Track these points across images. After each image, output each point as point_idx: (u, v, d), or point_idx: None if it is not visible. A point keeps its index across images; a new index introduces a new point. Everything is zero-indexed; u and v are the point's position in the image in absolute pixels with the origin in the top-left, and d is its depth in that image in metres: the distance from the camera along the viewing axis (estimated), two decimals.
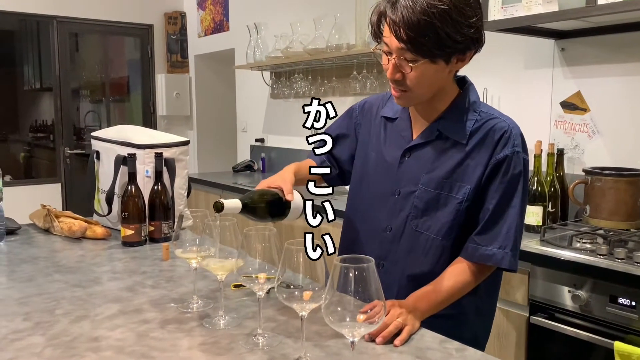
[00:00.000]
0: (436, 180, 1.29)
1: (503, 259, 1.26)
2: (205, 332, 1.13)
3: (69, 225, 1.87)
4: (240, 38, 4.44)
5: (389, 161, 1.37)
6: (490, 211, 1.26)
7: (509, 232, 1.26)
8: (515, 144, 1.26)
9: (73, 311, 1.24)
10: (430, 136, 1.31)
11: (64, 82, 4.96)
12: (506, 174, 1.25)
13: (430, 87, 1.25)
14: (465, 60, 1.23)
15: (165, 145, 1.91)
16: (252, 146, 4.58)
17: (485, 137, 1.27)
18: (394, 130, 1.39)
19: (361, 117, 1.49)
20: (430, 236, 1.30)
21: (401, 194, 1.33)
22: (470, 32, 1.16)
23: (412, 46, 1.15)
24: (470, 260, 1.28)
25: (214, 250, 1.18)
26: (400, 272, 1.34)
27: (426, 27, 1.13)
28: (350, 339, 0.88)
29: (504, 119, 1.30)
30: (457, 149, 1.28)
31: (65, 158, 5.00)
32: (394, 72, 1.22)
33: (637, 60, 2.18)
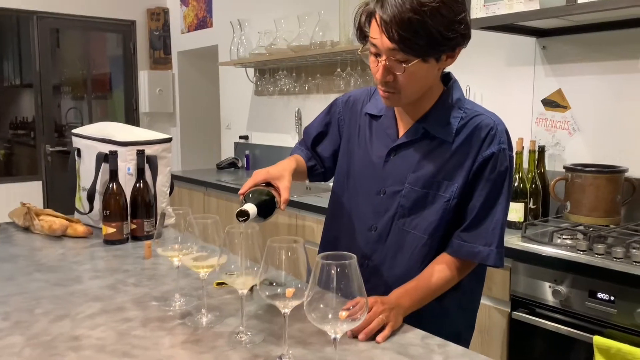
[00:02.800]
0: (423, 179, 1.28)
1: (489, 257, 1.26)
2: (188, 331, 1.13)
3: (49, 224, 1.85)
4: (224, 35, 4.41)
5: (374, 159, 1.35)
6: (477, 208, 1.26)
7: (495, 230, 1.26)
8: (501, 141, 1.26)
9: (53, 310, 1.22)
10: (416, 135, 1.30)
11: (45, 78, 4.89)
12: (493, 172, 1.25)
13: (421, 87, 1.24)
14: (454, 56, 1.21)
15: (147, 143, 1.89)
16: (236, 143, 4.56)
17: (471, 134, 1.26)
18: (379, 128, 1.38)
19: (345, 112, 1.47)
20: (417, 235, 1.30)
21: (387, 194, 1.33)
22: (461, 28, 1.15)
23: (404, 46, 1.13)
24: (455, 257, 1.28)
25: (197, 248, 1.18)
26: (387, 272, 1.33)
27: (418, 26, 1.11)
28: (333, 335, 0.88)
29: (489, 115, 1.29)
30: (444, 148, 1.27)
31: (46, 155, 4.93)
32: (385, 74, 1.19)
33: (615, 59, 2.21)
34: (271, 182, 1.24)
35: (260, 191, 1.20)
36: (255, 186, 1.22)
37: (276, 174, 1.26)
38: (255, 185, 1.22)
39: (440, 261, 1.29)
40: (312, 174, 1.51)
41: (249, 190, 1.20)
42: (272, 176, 1.25)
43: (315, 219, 2.74)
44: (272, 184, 1.24)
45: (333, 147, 1.49)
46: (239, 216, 1.10)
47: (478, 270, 1.34)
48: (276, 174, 1.26)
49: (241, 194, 1.20)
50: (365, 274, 1.30)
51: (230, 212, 3.49)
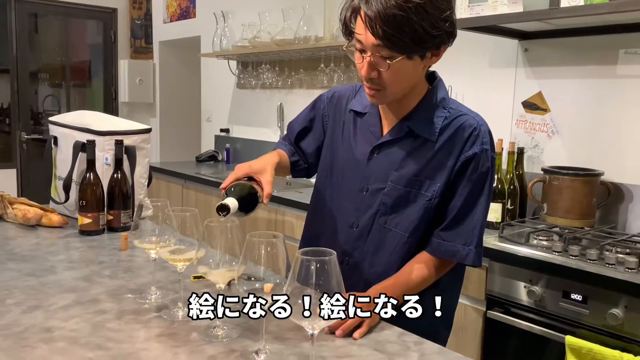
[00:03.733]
0: (406, 178, 1.28)
1: (467, 256, 1.27)
2: (163, 324, 1.12)
3: (23, 212, 1.81)
4: (207, 26, 4.37)
5: (357, 157, 1.35)
6: (458, 208, 1.27)
7: (474, 230, 1.27)
8: (484, 142, 1.26)
9: (25, 301, 1.20)
10: (400, 133, 1.30)
11: (22, 64, 4.80)
12: (474, 172, 1.26)
13: (406, 85, 1.24)
14: (439, 55, 1.21)
15: (126, 133, 1.86)
16: (216, 136, 4.53)
17: (454, 134, 1.27)
18: (364, 125, 1.37)
19: (329, 108, 1.46)
20: (398, 233, 1.30)
21: (369, 191, 1.33)
22: (446, 26, 1.15)
23: (389, 42, 1.13)
24: (433, 255, 1.29)
25: (174, 241, 1.16)
26: (367, 269, 1.33)
27: (403, 22, 1.10)
28: (310, 331, 0.87)
29: (472, 115, 1.30)
30: (427, 147, 1.27)
31: (22, 143, 4.84)
32: (370, 71, 1.19)
33: (595, 64, 2.25)
34: (253, 177, 1.23)
35: (242, 185, 1.18)
36: (237, 180, 1.21)
37: (259, 168, 1.25)
38: (237, 179, 1.21)
39: (419, 259, 1.29)
40: (295, 170, 1.50)
41: (231, 184, 1.19)
42: (255, 170, 1.24)
43: (295, 215, 2.74)
44: (254, 178, 1.23)
45: (317, 143, 1.48)
46: (220, 210, 1.08)
47: (457, 269, 1.35)
48: (259, 168, 1.25)
49: (222, 188, 1.19)
50: (346, 271, 1.27)
51: (209, 206, 3.46)
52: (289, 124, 1.55)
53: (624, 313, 1.62)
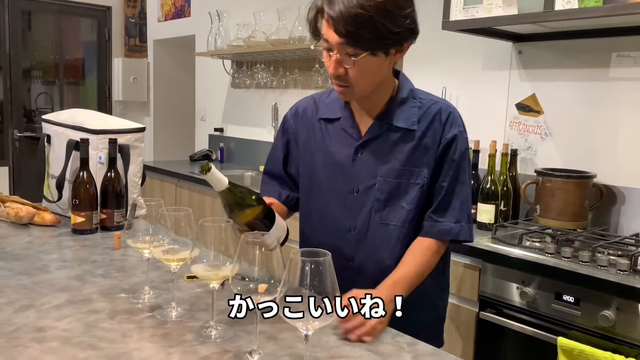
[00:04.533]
0: (396, 170, 1.33)
1: (460, 232, 1.34)
2: (156, 324, 1.11)
3: (15, 211, 1.80)
4: (202, 25, 4.36)
5: (340, 161, 1.37)
6: (445, 189, 1.33)
7: (463, 206, 1.34)
8: (459, 124, 1.35)
9: (17, 300, 1.19)
10: (381, 129, 1.34)
11: (15, 61, 4.77)
12: (455, 152, 1.33)
13: (373, 80, 1.28)
14: (403, 51, 1.27)
15: (119, 131, 1.86)
16: (210, 135, 4.52)
17: (432, 120, 1.33)
18: (338, 130, 1.39)
19: (296, 124, 1.47)
20: (397, 226, 1.34)
21: (360, 191, 1.35)
22: (406, 23, 1.20)
23: (352, 40, 1.18)
24: (429, 237, 1.34)
25: (168, 240, 1.16)
26: (371, 268, 1.35)
27: (364, 21, 1.15)
28: (304, 332, 0.87)
29: (443, 102, 1.38)
30: (409, 137, 1.33)
31: (14, 141, 4.81)
32: (337, 68, 1.23)
33: (588, 67, 2.26)
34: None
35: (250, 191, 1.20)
36: None
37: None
38: None
39: (418, 245, 1.34)
40: (290, 205, 1.49)
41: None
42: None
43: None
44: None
45: (298, 164, 1.47)
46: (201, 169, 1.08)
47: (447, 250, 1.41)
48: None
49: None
50: (351, 275, 1.33)
51: (203, 205, 3.46)
52: (267, 160, 1.53)
53: (615, 315, 1.63)
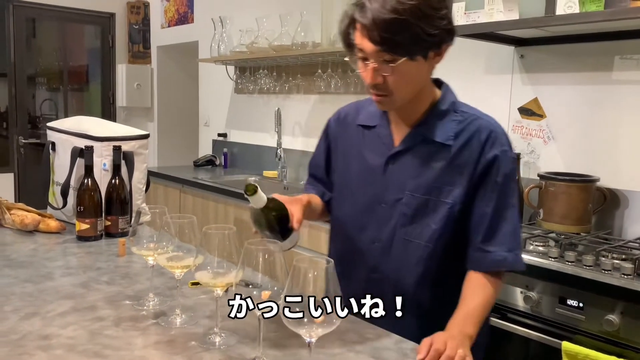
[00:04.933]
0: (424, 186, 1.26)
1: (515, 261, 1.24)
2: (161, 331, 1.12)
3: (21, 218, 1.81)
4: (205, 31, 4.37)
5: (371, 170, 1.32)
6: (490, 214, 1.23)
7: (515, 233, 1.25)
8: (502, 143, 1.25)
9: (23, 308, 1.20)
10: (414, 141, 1.28)
11: (19, 68, 4.79)
12: (498, 174, 1.23)
13: (412, 87, 1.23)
14: (441, 54, 1.21)
15: (124, 139, 1.87)
16: (214, 141, 4.53)
17: (471, 137, 1.25)
18: (374, 138, 1.35)
19: (338, 129, 1.45)
20: (420, 244, 1.26)
21: (388, 203, 1.29)
22: (443, 24, 1.15)
23: (388, 46, 1.13)
24: (481, 270, 1.24)
25: (172, 247, 1.17)
26: (396, 283, 1.29)
27: (399, 25, 1.11)
28: (308, 339, 0.88)
29: (487, 118, 1.29)
30: (443, 152, 1.25)
31: (19, 147, 4.83)
32: (374, 77, 1.18)
33: (590, 70, 2.26)
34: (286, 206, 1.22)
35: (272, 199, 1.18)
36: None
37: (288, 198, 1.24)
38: None
39: (472, 280, 1.24)
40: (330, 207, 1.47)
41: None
42: (285, 200, 1.22)
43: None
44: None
45: None
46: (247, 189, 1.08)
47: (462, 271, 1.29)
48: (288, 198, 1.24)
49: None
50: (376, 285, 1.29)
51: (207, 210, 3.46)
52: (310, 164, 1.52)
53: (620, 319, 1.63)
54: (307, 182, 1.53)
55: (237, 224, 3.18)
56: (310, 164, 1.53)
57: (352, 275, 1.34)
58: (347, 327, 1.16)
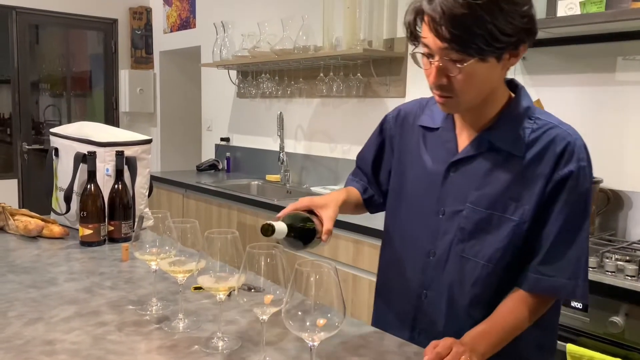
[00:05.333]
0: (488, 199, 1.12)
1: (575, 291, 1.09)
2: (164, 335, 1.12)
3: (24, 224, 1.82)
4: (207, 36, 4.39)
5: (431, 177, 1.21)
6: (555, 235, 1.09)
7: (580, 260, 1.09)
8: (580, 158, 1.10)
9: (27, 313, 1.20)
10: (480, 148, 1.15)
11: (23, 74, 4.82)
12: (572, 193, 1.09)
13: (481, 91, 1.09)
14: (518, 55, 1.07)
15: (126, 144, 1.87)
16: (217, 145, 4.54)
17: (545, 149, 1.10)
18: (436, 141, 1.23)
19: (395, 128, 1.33)
20: (479, 263, 1.13)
21: (446, 214, 1.17)
22: (523, 22, 1.01)
23: (458, 44, 1.00)
24: (532, 292, 1.11)
25: (175, 252, 1.17)
26: (447, 304, 1.18)
27: (472, 21, 0.97)
28: (310, 343, 0.88)
29: (565, 128, 1.12)
30: (512, 163, 1.11)
31: (23, 153, 4.85)
32: (439, 77, 1.06)
33: (593, 71, 2.26)
34: (314, 211, 1.15)
35: (298, 215, 1.12)
36: (295, 211, 1.15)
37: (321, 202, 1.16)
38: (295, 210, 1.15)
39: (515, 298, 1.12)
40: (371, 205, 1.40)
41: (287, 214, 1.13)
42: (316, 204, 1.16)
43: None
44: (315, 213, 1.15)
45: (389, 168, 1.35)
46: (264, 231, 1.02)
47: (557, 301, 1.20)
48: (321, 202, 1.16)
49: (278, 216, 1.12)
50: (424, 307, 1.21)
51: (210, 215, 3.47)
52: (359, 156, 1.43)
53: (624, 321, 1.62)
54: (352, 174, 1.44)
55: (240, 228, 3.18)
56: (358, 156, 1.43)
57: (401, 289, 1.26)
58: (350, 331, 1.16)
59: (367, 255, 2.41)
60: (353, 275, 2.47)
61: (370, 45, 2.98)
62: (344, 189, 1.35)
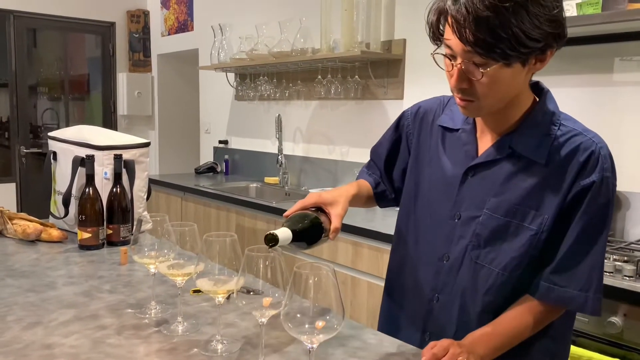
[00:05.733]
0: (506, 206, 1.09)
1: (586, 304, 1.06)
2: (163, 339, 1.12)
3: (23, 228, 1.82)
4: (205, 38, 4.40)
5: (448, 180, 1.18)
6: (570, 245, 1.06)
7: (593, 272, 1.06)
8: (604, 168, 1.06)
9: (26, 317, 1.20)
10: (501, 153, 1.11)
11: (21, 78, 4.82)
12: (592, 204, 1.05)
13: (504, 96, 1.06)
14: (545, 60, 1.03)
15: (124, 147, 1.87)
16: (215, 148, 4.54)
17: (568, 157, 1.07)
18: (455, 143, 1.20)
19: (414, 125, 1.30)
20: (494, 271, 1.11)
21: (462, 219, 1.15)
22: (552, 27, 0.97)
23: (481, 48, 0.96)
24: (542, 301, 1.09)
25: (173, 255, 1.17)
26: (458, 310, 1.16)
27: (497, 25, 0.93)
28: (309, 345, 0.88)
29: (590, 136, 1.09)
30: (533, 170, 1.08)
31: (21, 157, 4.85)
32: (460, 81, 1.03)
33: (590, 72, 2.26)
34: (322, 207, 1.12)
35: (305, 215, 1.08)
36: (304, 209, 1.11)
37: (329, 199, 1.13)
38: (303, 208, 1.11)
39: (523, 305, 1.10)
40: (382, 200, 1.37)
41: (294, 212, 1.10)
42: (324, 201, 1.13)
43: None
44: (324, 210, 1.12)
45: (403, 166, 1.32)
46: (267, 241, 0.99)
47: (571, 313, 1.17)
48: (329, 199, 1.13)
49: (285, 215, 1.10)
50: (435, 311, 1.19)
51: (209, 218, 3.47)
52: (373, 149, 1.40)
53: (623, 321, 1.63)
54: (366, 167, 1.41)
55: (239, 230, 3.18)
56: (372, 149, 1.40)
57: (413, 291, 1.24)
58: (349, 333, 1.16)
59: (366, 257, 2.41)
60: (352, 277, 2.47)
61: (368, 47, 2.98)
62: (355, 182, 1.32)
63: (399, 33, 3.05)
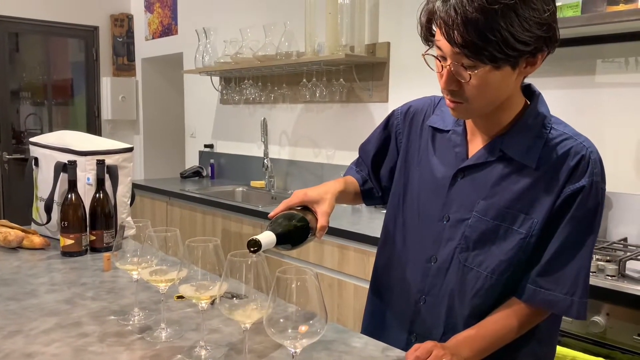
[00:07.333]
0: (495, 209, 1.09)
1: (571, 308, 1.06)
2: (146, 346, 1.11)
3: (4, 235, 1.79)
4: (189, 42, 4.38)
5: (438, 181, 1.17)
6: (557, 249, 1.07)
7: (579, 276, 1.06)
8: (594, 172, 1.06)
9: (6, 326, 1.18)
10: (491, 156, 1.11)
11: (3, 83, 4.76)
12: (580, 208, 1.05)
13: (493, 99, 1.05)
14: (536, 63, 1.02)
15: (107, 152, 1.86)
16: (200, 152, 4.52)
17: (559, 161, 1.07)
18: (445, 144, 1.19)
19: (403, 125, 1.29)
20: (482, 274, 1.11)
21: (451, 221, 1.14)
22: (542, 30, 0.96)
23: (469, 50, 0.96)
24: (527, 303, 1.09)
25: (156, 261, 1.16)
26: (446, 312, 1.15)
27: (486, 27, 0.93)
28: (292, 350, 0.88)
29: (580, 140, 1.09)
30: (524, 174, 1.08)
31: (3, 163, 4.79)
32: (450, 82, 1.03)
33: (572, 74, 2.29)
34: (308, 206, 1.12)
35: (291, 216, 1.06)
36: (290, 209, 1.09)
37: (315, 197, 1.12)
38: (289, 208, 1.10)
39: (508, 307, 1.10)
40: (368, 198, 1.37)
41: (280, 213, 1.08)
42: (310, 199, 1.11)
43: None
44: (310, 208, 1.12)
45: (391, 165, 1.32)
46: (249, 246, 0.96)
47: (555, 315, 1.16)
48: (315, 197, 1.12)
49: (270, 216, 1.08)
50: (422, 313, 1.18)
51: (194, 222, 3.45)
52: (361, 147, 1.40)
53: (606, 320, 1.64)
54: (354, 163, 1.41)
55: (224, 235, 3.17)
56: (360, 147, 1.40)
57: (400, 291, 1.24)
58: (333, 337, 1.16)
59: (352, 260, 2.41)
60: (338, 280, 2.47)
61: (352, 50, 2.99)
62: (342, 178, 1.31)
63: (383, 36, 3.06)
